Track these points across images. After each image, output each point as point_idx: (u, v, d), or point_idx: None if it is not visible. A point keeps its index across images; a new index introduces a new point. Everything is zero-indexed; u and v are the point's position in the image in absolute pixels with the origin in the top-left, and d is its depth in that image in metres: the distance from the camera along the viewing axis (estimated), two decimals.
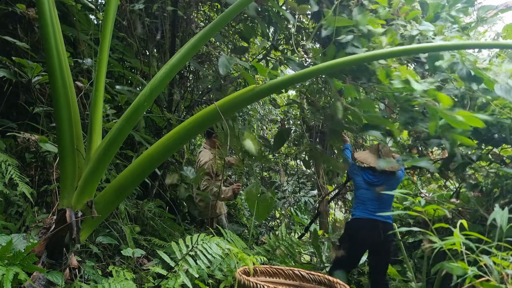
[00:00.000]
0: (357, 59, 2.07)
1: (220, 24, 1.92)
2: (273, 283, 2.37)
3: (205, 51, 4.63)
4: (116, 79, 4.10)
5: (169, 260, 2.39)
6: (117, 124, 1.83)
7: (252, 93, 1.89)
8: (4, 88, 2.66)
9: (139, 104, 1.82)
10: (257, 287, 1.92)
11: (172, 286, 2.18)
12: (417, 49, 2.21)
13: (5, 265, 1.52)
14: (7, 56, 2.68)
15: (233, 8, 1.87)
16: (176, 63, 1.89)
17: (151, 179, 3.76)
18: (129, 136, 3.40)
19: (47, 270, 1.72)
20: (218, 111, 1.83)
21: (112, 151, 1.84)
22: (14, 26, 2.86)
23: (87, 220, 1.83)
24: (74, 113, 1.87)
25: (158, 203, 3.60)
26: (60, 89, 1.75)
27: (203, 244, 2.53)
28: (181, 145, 2.03)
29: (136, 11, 3.67)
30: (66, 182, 1.81)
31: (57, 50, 1.75)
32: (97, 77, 1.98)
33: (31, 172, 2.49)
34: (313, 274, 2.36)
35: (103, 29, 1.98)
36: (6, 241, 1.63)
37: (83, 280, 2.05)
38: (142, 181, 2.07)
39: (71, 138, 1.82)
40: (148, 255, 2.91)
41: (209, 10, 5.07)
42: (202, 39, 1.91)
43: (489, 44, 2.60)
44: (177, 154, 4.64)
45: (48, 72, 1.77)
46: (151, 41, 4.09)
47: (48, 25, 1.70)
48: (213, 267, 2.55)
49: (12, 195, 2.25)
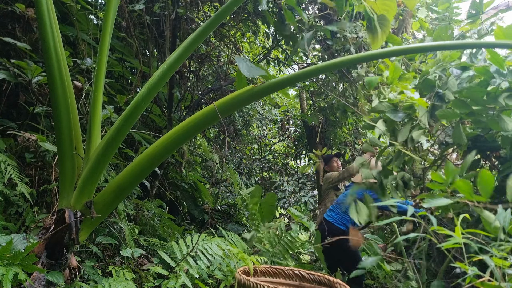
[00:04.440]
0: (355, 58, 2.06)
1: (216, 21, 1.91)
2: (273, 283, 2.36)
3: (205, 50, 4.63)
4: (116, 79, 4.10)
5: (170, 260, 2.39)
6: (116, 124, 1.82)
7: (251, 93, 1.88)
8: (4, 88, 2.66)
9: (137, 103, 1.82)
10: (257, 287, 1.92)
11: (173, 286, 2.18)
12: (413, 49, 2.20)
13: (5, 265, 1.52)
14: (6, 56, 2.68)
15: (229, 4, 1.86)
16: (173, 62, 1.88)
17: (152, 178, 3.76)
18: (130, 136, 3.41)
19: (47, 270, 1.71)
20: (216, 111, 1.83)
21: (111, 151, 1.83)
22: (13, 26, 2.86)
23: (87, 220, 1.83)
24: (73, 113, 1.87)
25: (158, 203, 3.60)
26: (58, 89, 1.75)
27: (204, 244, 2.54)
28: (180, 145, 2.02)
29: (137, 11, 3.67)
30: (65, 183, 1.81)
31: (56, 50, 1.75)
32: (96, 77, 1.98)
33: (30, 172, 2.49)
34: (313, 274, 2.36)
35: (103, 29, 1.98)
36: (6, 241, 1.63)
37: (83, 280, 2.05)
38: (142, 181, 2.07)
39: (70, 138, 1.82)
40: (148, 255, 2.91)
41: (209, 9, 5.07)
42: (199, 37, 1.90)
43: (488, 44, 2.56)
44: (178, 154, 4.64)
45: (46, 72, 1.77)
46: (151, 41, 4.09)
47: (46, 25, 1.69)
48: (213, 267, 2.55)
49: (12, 195, 2.25)
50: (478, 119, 2.01)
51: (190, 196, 4.64)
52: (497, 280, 1.32)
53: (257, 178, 7.42)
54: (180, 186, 4.55)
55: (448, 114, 2.02)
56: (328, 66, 1.94)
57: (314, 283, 2.34)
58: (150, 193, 3.77)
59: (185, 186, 4.56)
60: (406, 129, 2.15)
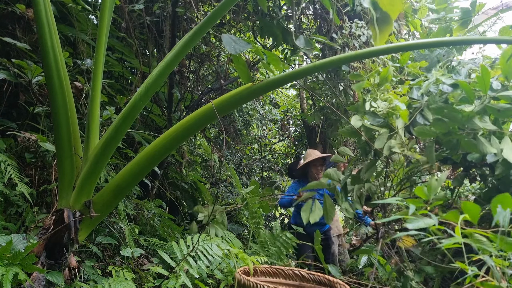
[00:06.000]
0: (352, 56, 2.06)
1: (213, 19, 1.90)
2: (273, 283, 2.36)
3: (205, 50, 4.63)
4: (116, 79, 4.10)
5: (170, 260, 2.39)
6: (114, 123, 1.82)
7: (249, 91, 1.88)
8: (4, 88, 2.66)
9: (135, 102, 1.81)
10: (257, 287, 1.92)
11: (172, 286, 2.18)
12: (410, 46, 2.20)
13: (5, 265, 1.52)
14: (6, 56, 2.68)
15: (226, 2, 1.86)
16: (170, 60, 1.88)
17: (152, 178, 3.76)
18: (130, 136, 3.41)
19: (47, 271, 1.72)
20: (214, 109, 1.82)
21: (109, 151, 1.83)
22: (13, 26, 2.86)
23: (86, 220, 1.83)
24: (71, 113, 1.87)
25: (158, 203, 3.60)
26: (57, 89, 1.75)
27: (204, 244, 2.54)
28: (179, 144, 2.02)
29: (136, 11, 3.67)
30: (64, 182, 1.81)
31: (53, 50, 1.75)
32: (94, 76, 1.98)
33: (30, 172, 2.49)
34: (313, 274, 2.36)
35: (99, 27, 1.98)
36: (6, 241, 1.63)
37: (82, 280, 2.05)
38: (142, 180, 2.07)
39: (69, 138, 1.82)
40: (148, 255, 2.91)
41: (208, 9, 5.07)
42: (196, 35, 1.89)
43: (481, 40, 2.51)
44: (178, 154, 4.64)
45: (44, 72, 1.77)
46: (151, 41, 4.09)
47: (44, 25, 1.69)
48: (213, 267, 2.55)
49: (11, 195, 2.25)
50: (449, 140, 1.97)
51: (190, 196, 4.63)
52: (497, 280, 1.32)
53: (257, 178, 7.41)
54: (180, 186, 4.55)
55: (426, 132, 1.98)
56: (326, 63, 1.93)
57: (314, 283, 2.34)
58: (150, 193, 3.77)
59: (185, 186, 4.56)
60: (383, 136, 2.13)
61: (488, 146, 1.78)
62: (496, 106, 1.82)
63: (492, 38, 2.26)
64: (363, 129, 2.19)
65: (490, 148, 1.78)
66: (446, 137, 1.96)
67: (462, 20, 3.30)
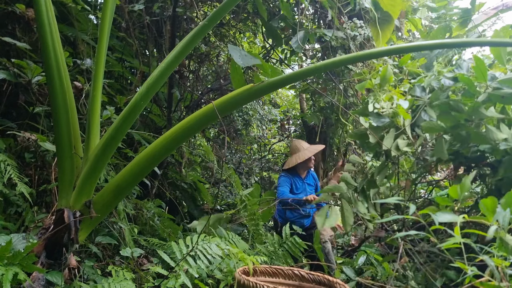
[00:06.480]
0: (353, 57, 2.06)
1: (214, 19, 1.90)
2: (273, 283, 2.36)
3: (205, 50, 4.63)
4: (116, 79, 4.10)
5: (169, 260, 2.39)
6: (115, 124, 1.82)
7: (249, 92, 1.88)
8: (4, 88, 2.66)
9: (136, 103, 1.82)
10: (257, 287, 1.92)
11: (172, 286, 2.18)
12: (410, 48, 2.20)
13: (5, 265, 1.52)
14: (6, 56, 2.68)
15: (226, 2, 1.86)
16: (171, 61, 1.88)
17: (151, 178, 3.76)
18: (130, 136, 3.41)
19: (47, 270, 1.72)
20: (215, 110, 1.83)
21: (110, 151, 1.83)
22: (13, 26, 2.86)
23: (86, 220, 1.83)
24: (71, 113, 1.87)
25: (157, 203, 3.60)
26: (57, 89, 1.75)
27: (203, 244, 2.54)
28: (179, 144, 2.02)
29: (136, 11, 3.67)
30: (64, 182, 1.81)
31: (54, 50, 1.75)
32: (95, 76, 1.98)
33: (30, 172, 2.49)
34: (313, 274, 2.36)
35: (100, 27, 1.98)
36: (6, 241, 1.63)
37: (82, 280, 2.05)
38: (142, 180, 2.07)
39: (69, 138, 1.82)
40: (148, 255, 2.91)
41: (208, 9, 5.07)
42: (197, 35, 1.90)
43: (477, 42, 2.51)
44: (177, 154, 4.64)
45: (45, 72, 1.77)
46: (151, 41, 4.09)
47: (45, 25, 1.69)
48: (213, 267, 2.55)
49: (11, 195, 2.25)
50: (459, 133, 1.96)
51: (189, 196, 4.64)
52: (497, 279, 1.32)
53: (256, 178, 7.41)
54: (180, 186, 4.55)
55: (434, 126, 1.96)
56: (327, 65, 1.94)
57: (314, 283, 2.34)
58: (150, 193, 3.78)
59: (185, 186, 4.56)
60: (391, 136, 2.12)
61: (497, 133, 1.78)
62: (499, 92, 1.82)
63: (492, 41, 2.25)
64: (372, 131, 2.18)
65: (500, 135, 1.78)
66: (454, 130, 1.96)
67: (461, 19, 3.30)
